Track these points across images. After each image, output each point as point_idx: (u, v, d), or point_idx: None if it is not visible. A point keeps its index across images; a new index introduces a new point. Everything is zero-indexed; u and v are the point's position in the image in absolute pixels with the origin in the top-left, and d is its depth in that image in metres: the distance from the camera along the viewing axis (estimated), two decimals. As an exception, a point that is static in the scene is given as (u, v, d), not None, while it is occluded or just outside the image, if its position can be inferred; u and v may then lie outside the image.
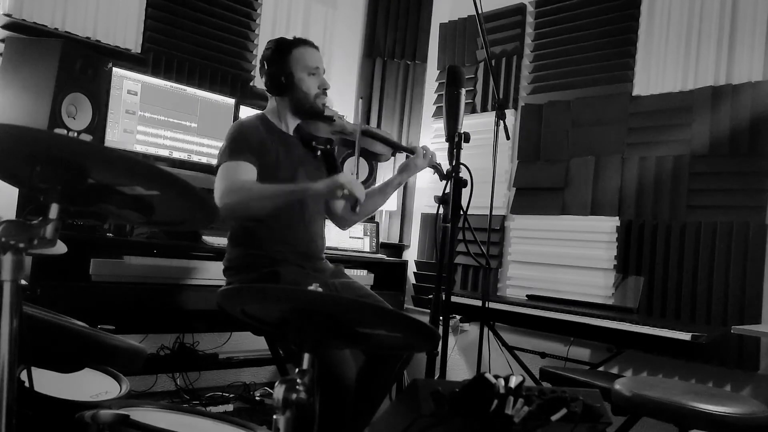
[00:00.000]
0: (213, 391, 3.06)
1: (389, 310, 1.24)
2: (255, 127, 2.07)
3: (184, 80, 2.99)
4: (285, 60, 2.07)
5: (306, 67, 2.08)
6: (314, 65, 2.09)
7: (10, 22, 2.53)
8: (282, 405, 0.96)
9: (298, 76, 2.07)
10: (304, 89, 2.08)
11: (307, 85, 2.08)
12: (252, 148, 1.99)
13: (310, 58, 2.09)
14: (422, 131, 3.89)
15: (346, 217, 2.32)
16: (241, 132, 2.04)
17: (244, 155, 1.96)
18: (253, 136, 2.02)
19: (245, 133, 2.03)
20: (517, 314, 2.57)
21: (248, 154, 1.97)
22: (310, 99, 2.09)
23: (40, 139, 0.91)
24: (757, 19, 2.57)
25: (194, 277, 2.47)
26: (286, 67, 2.06)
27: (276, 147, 2.05)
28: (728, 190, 2.59)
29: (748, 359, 2.45)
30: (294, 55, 2.08)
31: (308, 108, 2.11)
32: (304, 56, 2.08)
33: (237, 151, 1.97)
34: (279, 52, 2.08)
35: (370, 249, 3.38)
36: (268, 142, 2.04)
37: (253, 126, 2.07)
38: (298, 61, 2.07)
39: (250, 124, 2.08)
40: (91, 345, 1.21)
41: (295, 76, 2.07)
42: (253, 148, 1.99)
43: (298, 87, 2.08)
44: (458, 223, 1.87)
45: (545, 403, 1.19)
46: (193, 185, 0.91)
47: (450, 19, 3.78)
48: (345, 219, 2.33)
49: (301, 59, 2.08)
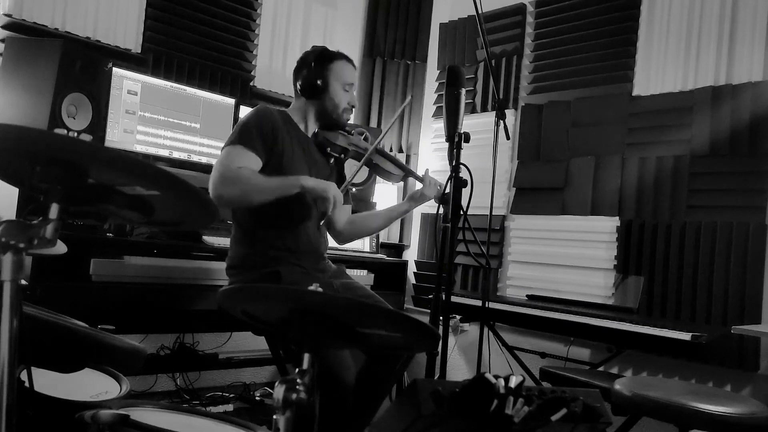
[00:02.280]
0: (213, 391, 3.06)
1: (389, 310, 1.24)
2: (273, 116, 2.06)
3: (184, 80, 2.99)
4: (325, 67, 2.12)
5: (343, 81, 2.14)
6: (350, 81, 2.16)
7: (10, 22, 2.53)
8: (282, 405, 0.96)
9: (333, 85, 2.12)
10: (335, 100, 2.13)
11: (339, 98, 2.13)
12: (262, 136, 1.99)
13: (349, 75, 2.16)
14: (422, 131, 3.89)
15: (344, 232, 2.33)
16: (256, 118, 2.03)
17: (251, 143, 1.96)
18: (267, 124, 2.02)
19: (260, 119, 2.03)
20: (517, 314, 2.57)
21: (255, 142, 1.97)
22: (338, 111, 2.15)
23: (40, 139, 0.91)
24: (757, 19, 2.57)
25: (194, 277, 2.47)
26: (325, 74, 2.12)
27: (289, 142, 2.06)
28: (728, 190, 2.59)
29: (748, 359, 2.45)
30: (335, 66, 2.14)
31: (333, 118, 2.16)
32: (344, 70, 2.15)
33: (244, 137, 1.97)
34: (322, 58, 2.13)
35: (370, 249, 3.38)
36: (283, 134, 2.05)
37: (270, 115, 2.06)
38: (337, 72, 2.13)
39: (269, 113, 2.07)
40: (91, 345, 1.21)
41: (330, 85, 2.12)
42: (264, 136, 1.99)
43: (331, 96, 2.13)
44: (458, 223, 1.87)
45: (545, 403, 1.19)
46: (193, 185, 0.91)
47: (450, 19, 3.78)
48: (343, 234, 2.34)
49: (341, 72, 2.14)
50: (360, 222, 2.35)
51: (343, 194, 2.03)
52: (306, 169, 2.08)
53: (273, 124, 2.03)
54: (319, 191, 1.94)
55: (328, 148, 2.16)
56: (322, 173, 2.15)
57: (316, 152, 2.16)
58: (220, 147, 2.08)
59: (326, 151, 2.17)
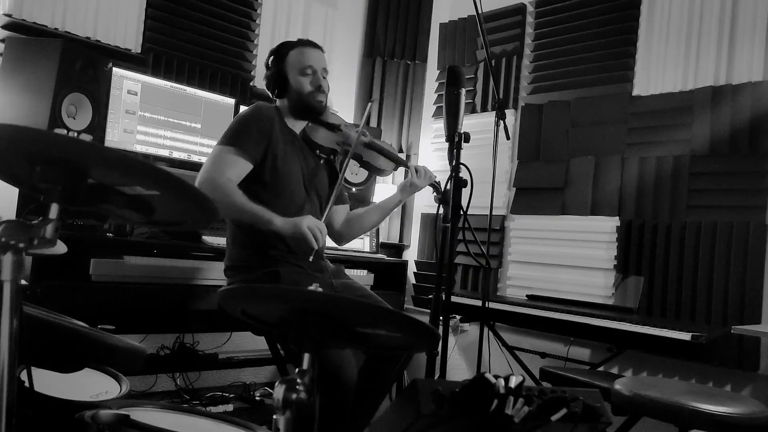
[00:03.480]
0: (213, 391, 3.06)
1: (389, 310, 1.24)
2: (269, 116, 2.06)
3: (184, 80, 2.99)
4: (281, 63, 2.10)
5: (299, 67, 2.09)
6: (307, 64, 2.09)
7: (10, 22, 2.53)
8: (282, 405, 0.96)
9: (291, 76, 2.09)
10: (296, 88, 2.09)
11: (299, 85, 2.09)
12: (257, 140, 1.98)
13: (305, 58, 2.10)
14: (422, 131, 3.89)
15: (344, 233, 2.32)
16: (252, 120, 2.03)
17: (243, 145, 1.96)
18: (263, 126, 2.01)
19: (257, 121, 2.02)
20: (517, 314, 2.57)
21: (247, 144, 1.96)
22: (303, 97, 2.10)
23: (40, 139, 0.91)
24: (757, 19, 2.57)
25: (194, 277, 2.47)
26: (282, 69, 2.10)
27: (285, 140, 2.06)
28: (728, 190, 2.59)
29: (748, 359, 2.45)
30: (289, 57, 2.10)
31: (305, 106, 2.11)
32: (299, 57, 2.10)
33: (237, 137, 1.97)
34: (278, 55, 2.12)
35: (370, 249, 3.38)
36: (277, 133, 2.04)
37: (267, 115, 2.06)
38: (291, 62, 2.10)
39: (266, 113, 2.06)
40: (91, 345, 1.21)
41: (289, 77, 2.09)
42: (260, 140, 1.99)
43: (292, 88, 2.10)
44: (458, 223, 1.87)
45: (545, 403, 1.19)
46: (193, 185, 0.91)
47: (450, 19, 3.78)
48: (342, 235, 2.32)
49: (296, 61, 2.10)
50: (356, 220, 2.32)
51: (336, 193, 2.01)
52: (299, 169, 2.08)
53: (269, 122, 2.03)
54: (289, 232, 1.88)
55: (317, 150, 2.14)
56: (314, 172, 2.15)
57: (307, 150, 2.14)
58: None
59: (315, 154, 2.16)
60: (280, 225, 1.89)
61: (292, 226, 1.87)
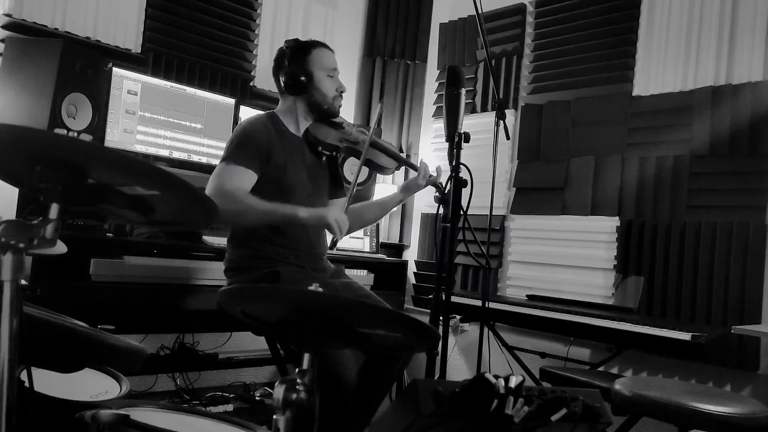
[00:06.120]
0: (213, 391, 3.06)
1: (389, 310, 1.24)
2: (264, 128, 2.04)
3: (184, 80, 2.99)
4: (305, 60, 2.08)
5: (325, 68, 2.10)
6: (332, 66, 2.12)
7: (10, 22, 2.53)
8: (282, 405, 0.96)
9: (317, 76, 2.08)
10: (323, 90, 2.09)
11: (326, 87, 2.10)
12: (258, 152, 1.97)
13: (329, 60, 2.12)
14: (422, 131, 3.89)
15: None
16: (250, 134, 2.01)
17: (246, 161, 1.95)
18: (261, 139, 2.00)
19: (254, 135, 2.01)
20: (517, 314, 2.57)
21: (250, 160, 1.95)
22: (328, 100, 2.11)
23: (40, 139, 0.91)
24: (757, 19, 2.57)
25: (194, 277, 2.47)
26: (306, 66, 2.08)
27: (284, 150, 2.04)
28: (728, 190, 2.59)
29: (748, 359, 2.45)
30: (314, 56, 2.09)
31: (325, 109, 2.12)
32: (323, 57, 2.10)
33: (239, 154, 1.96)
34: (299, 52, 2.09)
35: (370, 249, 3.38)
36: (277, 145, 2.03)
37: (262, 127, 2.04)
38: (317, 61, 2.09)
39: (260, 126, 2.05)
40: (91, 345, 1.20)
41: (315, 76, 2.08)
42: (260, 152, 1.98)
43: (317, 87, 2.09)
44: (458, 223, 1.87)
45: (545, 403, 1.19)
46: (193, 185, 0.91)
47: (450, 19, 3.78)
48: None
49: (321, 60, 2.10)
50: (354, 214, 2.30)
51: (351, 198, 2.00)
52: (303, 174, 2.08)
53: (267, 137, 2.01)
54: (314, 221, 1.90)
55: (319, 147, 2.11)
56: (318, 174, 2.14)
57: (308, 153, 2.13)
58: (219, 147, 2.08)
59: (317, 151, 2.12)
60: (306, 216, 1.89)
61: (318, 218, 1.89)
